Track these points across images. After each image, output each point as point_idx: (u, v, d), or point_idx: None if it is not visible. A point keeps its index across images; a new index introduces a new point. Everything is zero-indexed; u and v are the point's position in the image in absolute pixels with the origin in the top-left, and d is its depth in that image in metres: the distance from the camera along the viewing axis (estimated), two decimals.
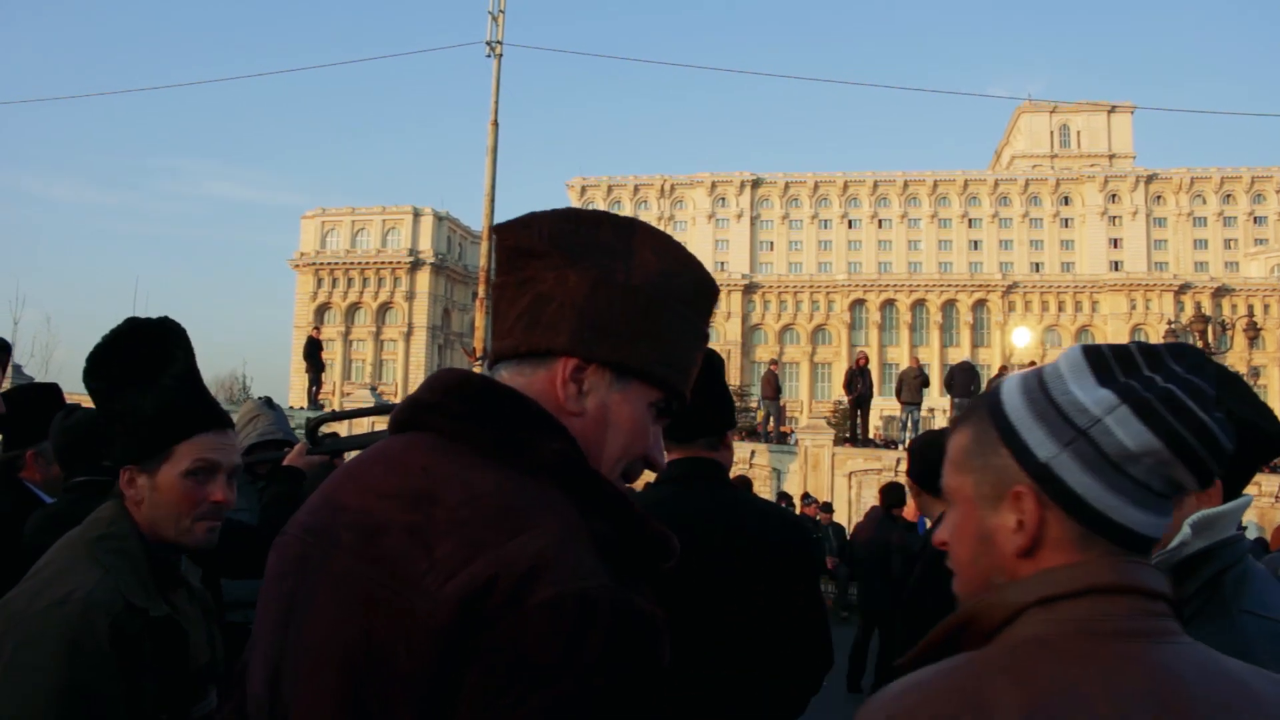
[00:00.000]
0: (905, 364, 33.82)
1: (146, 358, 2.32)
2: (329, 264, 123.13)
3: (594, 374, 1.39)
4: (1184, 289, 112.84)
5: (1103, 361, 1.20)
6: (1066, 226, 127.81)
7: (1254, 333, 36.20)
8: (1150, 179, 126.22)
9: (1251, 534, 16.62)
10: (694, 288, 1.46)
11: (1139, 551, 1.17)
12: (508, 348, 1.43)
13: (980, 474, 1.23)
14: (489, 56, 25.34)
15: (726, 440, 3.05)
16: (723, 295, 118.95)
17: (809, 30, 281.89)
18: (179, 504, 2.29)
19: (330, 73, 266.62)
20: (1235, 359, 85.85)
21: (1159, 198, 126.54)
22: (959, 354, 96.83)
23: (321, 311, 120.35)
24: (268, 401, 4.77)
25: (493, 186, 24.96)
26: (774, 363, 31.66)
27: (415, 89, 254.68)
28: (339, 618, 1.25)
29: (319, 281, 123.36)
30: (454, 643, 1.17)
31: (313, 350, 27.67)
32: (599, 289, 1.38)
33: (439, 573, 1.19)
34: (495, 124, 25.05)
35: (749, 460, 27.14)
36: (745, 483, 13.57)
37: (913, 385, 25.44)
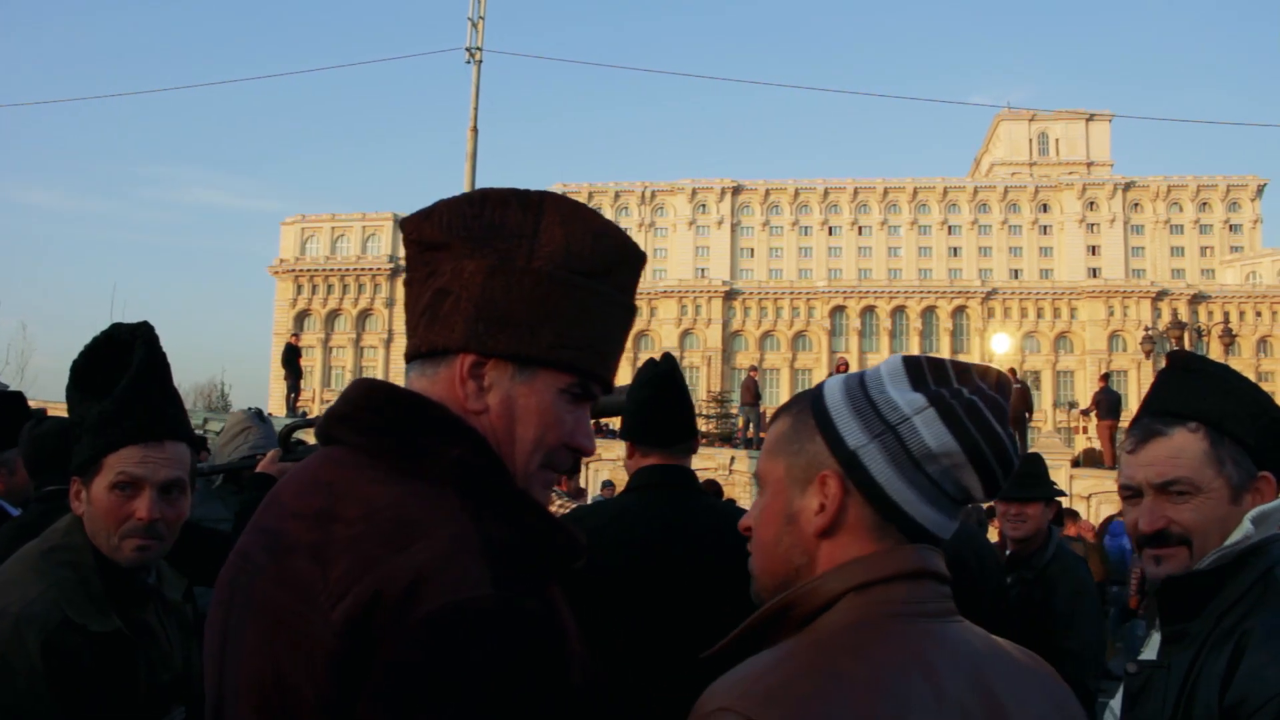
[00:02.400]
0: None
1: (108, 365, 2.26)
2: (309, 270, 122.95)
3: (494, 368, 1.35)
4: (1161, 296, 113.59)
5: (919, 370, 1.27)
6: (1045, 234, 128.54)
7: (1229, 339, 36.55)
8: (1128, 187, 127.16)
9: None
10: (608, 260, 1.41)
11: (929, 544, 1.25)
12: (412, 348, 1.40)
13: (794, 458, 1.29)
14: (469, 63, 25.31)
15: (695, 447, 3.08)
16: (703, 302, 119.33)
17: (790, 37, 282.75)
18: (105, 519, 2.21)
19: (311, 79, 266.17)
20: None
21: (1136, 205, 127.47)
22: None
23: (301, 318, 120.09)
24: (258, 414, 4.67)
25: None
26: (754, 369, 31.73)
27: (396, 95, 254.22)
28: (256, 648, 1.23)
29: (299, 288, 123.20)
30: (347, 665, 1.15)
31: (291, 357, 27.59)
32: (495, 277, 1.34)
33: (332, 594, 1.18)
34: (475, 130, 25.01)
35: (729, 466, 27.18)
36: (715, 488, 13.59)
37: None
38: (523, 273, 1.34)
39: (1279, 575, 1.87)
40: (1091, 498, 23.77)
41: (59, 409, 2.71)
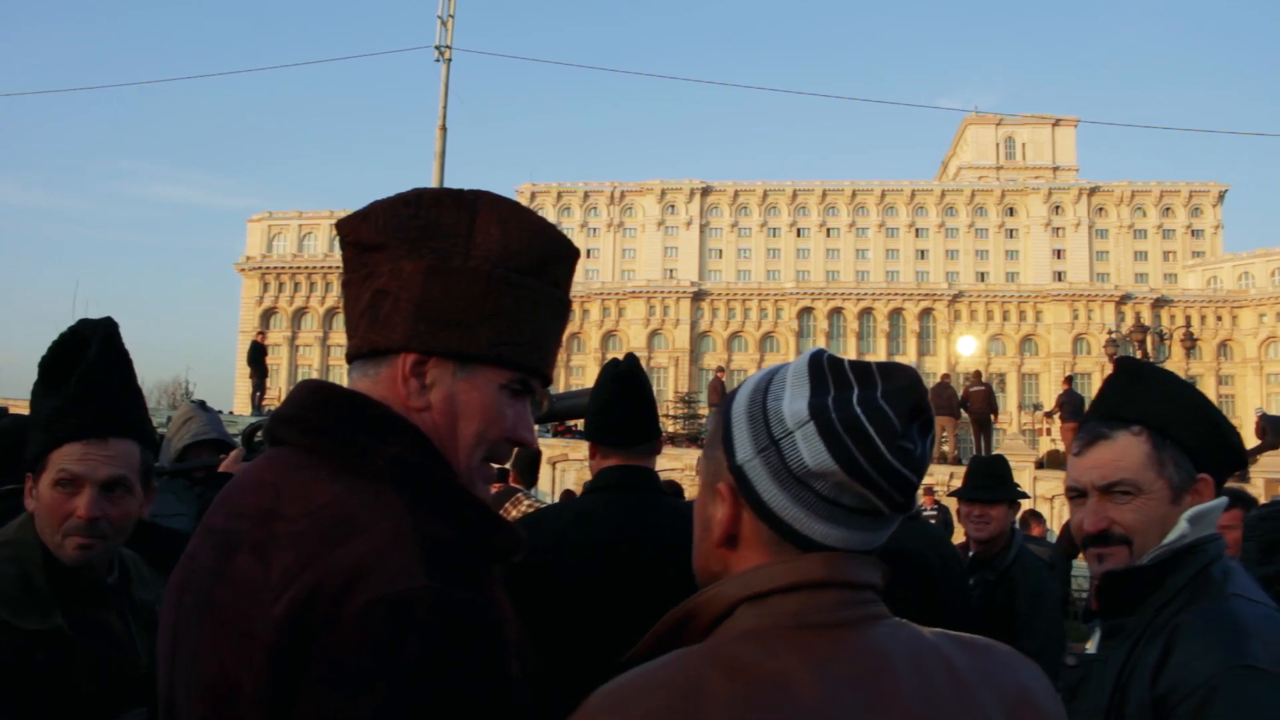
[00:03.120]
0: None
1: (70, 362, 2.23)
2: (275, 268, 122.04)
3: (435, 366, 1.38)
4: (1125, 300, 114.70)
5: (821, 374, 1.22)
6: (1011, 237, 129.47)
7: (1190, 343, 36.94)
8: (1093, 191, 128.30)
9: None
10: (543, 257, 1.43)
11: None
12: (353, 348, 1.43)
13: (707, 463, 1.28)
14: (438, 61, 25.29)
15: (658, 447, 3.09)
16: (672, 302, 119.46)
17: (760, 39, 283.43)
18: (49, 516, 2.19)
19: (280, 76, 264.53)
20: (1174, 368, 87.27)
21: (1101, 210, 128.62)
22: (905, 363, 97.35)
23: (267, 316, 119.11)
24: (201, 404, 4.78)
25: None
26: (721, 370, 31.78)
27: (366, 93, 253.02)
28: (203, 647, 1.25)
29: (265, 286, 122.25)
30: (286, 658, 1.17)
31: (256, 355, 27.43)
32: (434, 277, 1.36)
33: (274, 589, 1.20)
34: (444, 129, 24.99)
35: (696, 467, 27.20)
36: (675, 488, 13.60)
37: None
38: (460, 272, 1.36)
39: (1213, 572, 1.94)
40: (1055, 499, 23.94)
41: (21, 406, 2.69)
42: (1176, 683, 1.81)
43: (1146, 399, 2.06)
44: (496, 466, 1.50)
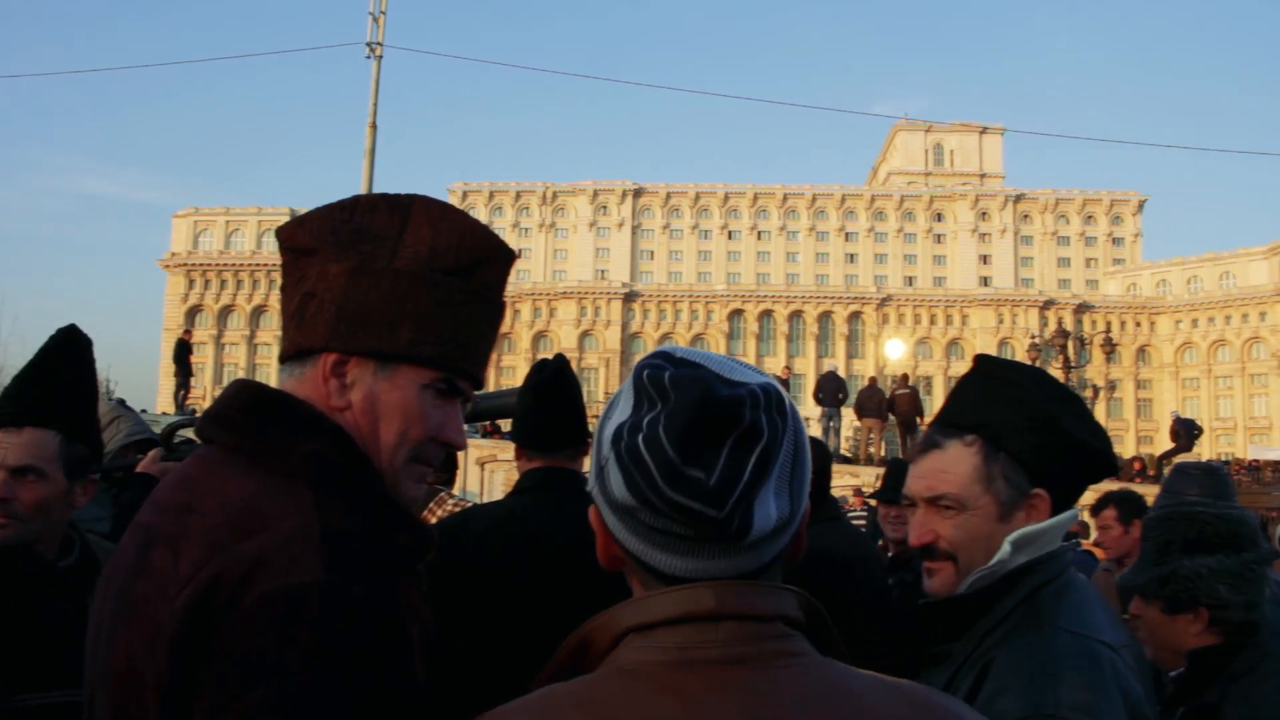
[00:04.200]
0: (780, 374, 34.35)
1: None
2: (201, 265, 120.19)
3: (356, 366, 1.39)
4: (1048, 305, 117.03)
5: (643, 389, 1.11)
6: (939, 242, 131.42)
7: (1110, 348, 37.77)
8: (1018, 199, 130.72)
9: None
10: (473, 258, 1.44)
11: None
12: (282, 350, 1.46)
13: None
14: (369, 58, 24.98)
15: (585, 450, 3.09)
16: (603, 303, 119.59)
17: (694, 43, 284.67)
18: None
19: (207, 69, 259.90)
20: (1094, 373, 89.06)
21: (1026, 217, 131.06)
22: (834, 365, 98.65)
23: (193, 314, 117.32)
24: (120, 403, 4.71)
25: (370, 190, 24.65)
26: None
27: (296, 89, 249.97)
28: (116, 638, 1.28)
29: (190, 283, 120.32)
30: (186, 649, 1.19)
31: (182, 354, 27.00)
32: (357, 278, 1.37)
33: (180, 581, 1.22)
34: (374, 126, 24.67)
35: None
36: None
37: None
38: (384, 273, 1.38)
39: (1044, 597, 1.83)
40: None
41: None
42: None
43: (987, 406, 1.94)
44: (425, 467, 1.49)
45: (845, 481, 21.47)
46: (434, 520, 7.07)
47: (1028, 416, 1.91)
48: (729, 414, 1.06)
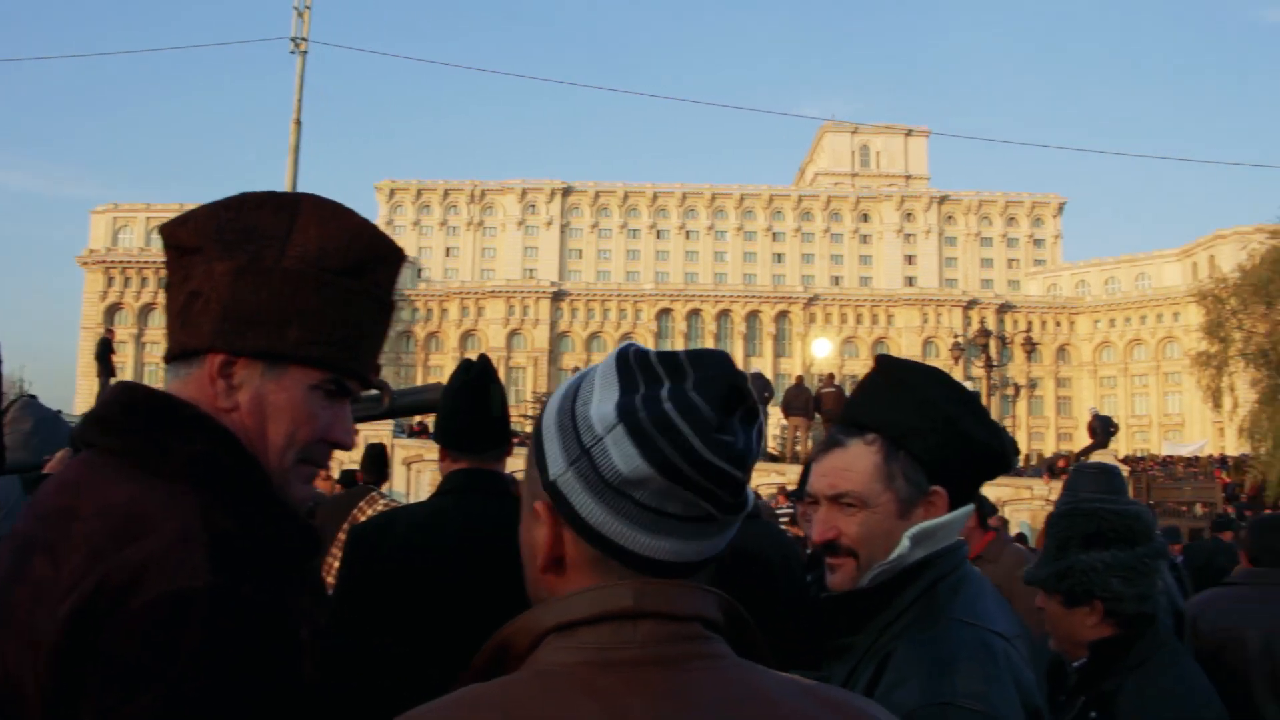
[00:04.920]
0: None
1: None
2: (121, 262, 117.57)
3: (244, 367, 1.38)
4: (971, 305, 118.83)
5: (629, 371, 1.12)
6: (865, 243, 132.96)
7: (1030, 348, 38.49)
8: (943, 200, 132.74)
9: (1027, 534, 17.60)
10: (363, 258, 1.43)
11: (673, 574, 1.10)
12: (168, 351, 1.44)
13: (526, 483, 1.19)
14: (294, 53, 24.70)
15: (509, 451, 3.11)
16: (531, 302, 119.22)
17: (622, 42, 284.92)
18: None
19: (129, 61, 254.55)
20: (1016, 371, 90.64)
21: (950, 218, 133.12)
22: (762, 364, 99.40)
23: (112, 312, 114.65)
24: (30, 400, 4.63)
25: (294, 187, 24.37)
26: (579, 370, 31.68)
27: (220, 84, 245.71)
28: None
29: (110, 280, 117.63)
30: (69, 658, 1.17)
31: (103, 352, 26.51)
32: (244, 277, 1.36)
33: (62, 589, 1.20)
34: (298, 122, 24.38)
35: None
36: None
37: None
38: (271, 272, 1.36)
39: (941, 591, 1.89)
40: None
41: None
42: None
43: (888, 406, 1.99)
44: (317, 468, 1.49)
45: (772, 480, 21.66)
46: (363, 519, 7.07)
47: (927, 416, 1.95)
48: (745, 391, 1.12)
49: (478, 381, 3.02)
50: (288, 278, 1.37)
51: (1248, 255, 42.42)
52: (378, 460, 7.85)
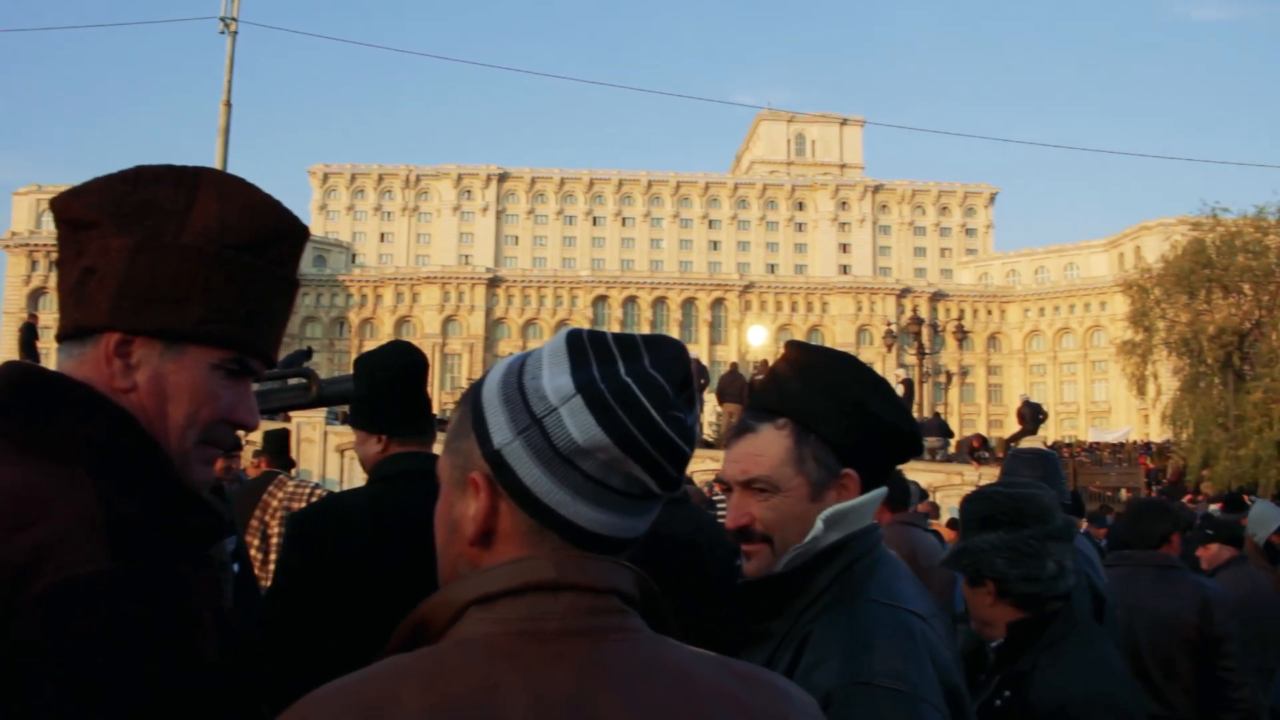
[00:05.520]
0: None
1: None
2: (45, 245, 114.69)
3: (142, 346, 1.35)
4: (905, 293, 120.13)
5: (581, 349, 1.14)
6: (800, 231, 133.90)
7: (962, 336, 39.00)
8: (877, 189, 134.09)
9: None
10: (265, 234, 1.40)
11: (602, 550, 1.12)
12: (60, 329, 1.39)
13: (454, 456, 1.18)
14: (223, 33, 24.31)
15: (435, 436, 3.10)
16: (467, 288, 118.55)
17: (559, 28, 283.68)
18: None
19: (50, 39, 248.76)
20: (948, 359, 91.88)
21: (884, 207, 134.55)
22: (698, 351, 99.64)
23: (36, 297, 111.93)
24: None
25: (225, 170, 23.90)
26: None
27: (149, 64, 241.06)
28: None
29: (34, 264, 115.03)
30: None
31: (27, 338, 25.94)
32: (141, 253, 1.32)
33: None
34: (229, 104, 24.02)
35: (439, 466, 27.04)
36: None
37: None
38: (171, 248, 1.33)
39: (857, 572, 1.89)
40: None
41: None
42: None
43: (797, 391, 1.99)
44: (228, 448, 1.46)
45: (707, 467, 21.74)
46: (274, 503, 7.02)
47: (837, 400, 1.96)
48: (692, 376, 1.14)
49: (421, 365, 3.04)
50: (187, 254, 1.33)
51: (1171, 247, 43.36)
52: (281, 445, 7.86)
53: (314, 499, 6.85)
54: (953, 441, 31.57)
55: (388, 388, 3.03)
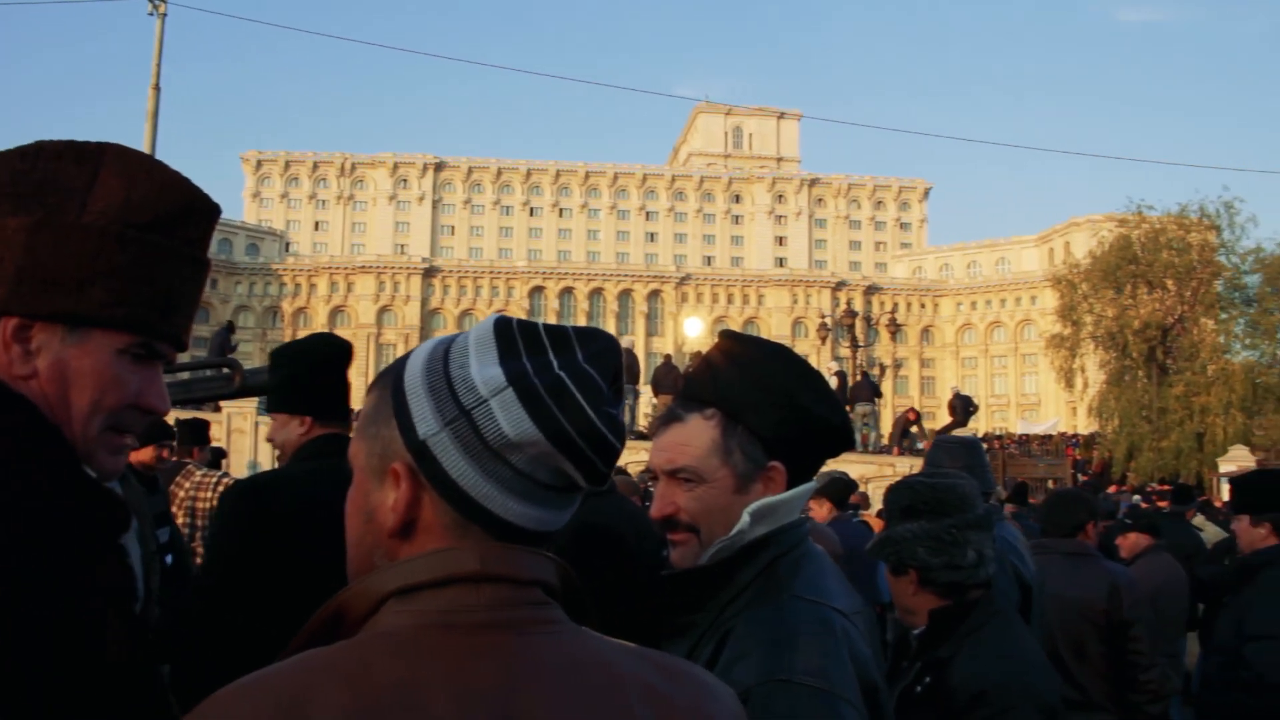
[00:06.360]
0: None
1: None
2: None
3: (42, 331, 1.29)
4: (840, 286, 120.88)
5: (510, 338, 1.11)
6: (737, 223, 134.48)
7: (895, 329, 39.33)
8: (813, 183, 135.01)
9: None
10: (173, 213, 1.35)
11: (525, 542, 1.11)
12: None
13: (371, 443, 1.14)
14: (152, 15, 23.84)
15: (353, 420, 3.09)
16: (402, 278, 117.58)
17: (498, 18, 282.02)
18: None
19: None
20: (881, 351, 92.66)
21: (820, 201, 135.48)
22: (634, 342, 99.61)
23: None
24: None
25: (153, 155, 23.45)
26: None
27: (76, 44, 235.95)
28: None
29: None
30: None
31: None
32: (41, 234, 1.27)
33: None
34: (157, 88, 23.57)
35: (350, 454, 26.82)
36: None
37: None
38: (72, 228, 1.28)
39: (782, 567, 1.88)
40: None
41: None
42: None
43: (727, 382, 1.97)
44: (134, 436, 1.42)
45: (641, 458, 21.76)
46: (181, 494, 6.93)
47: (766, 391, 1.94)
48: (622, 370, 1.14)
49: (346, 351, 3.10)
50: (89, 234, 1.28)
51: (1098, 243, 44.11)
52: (196, 433, 7.80)
53: (221, 489, 6.82)
54: (879, 402, 31.82)
55: (314, 371, 3.06)
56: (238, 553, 2.80)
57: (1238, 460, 26.33)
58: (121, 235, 1.30)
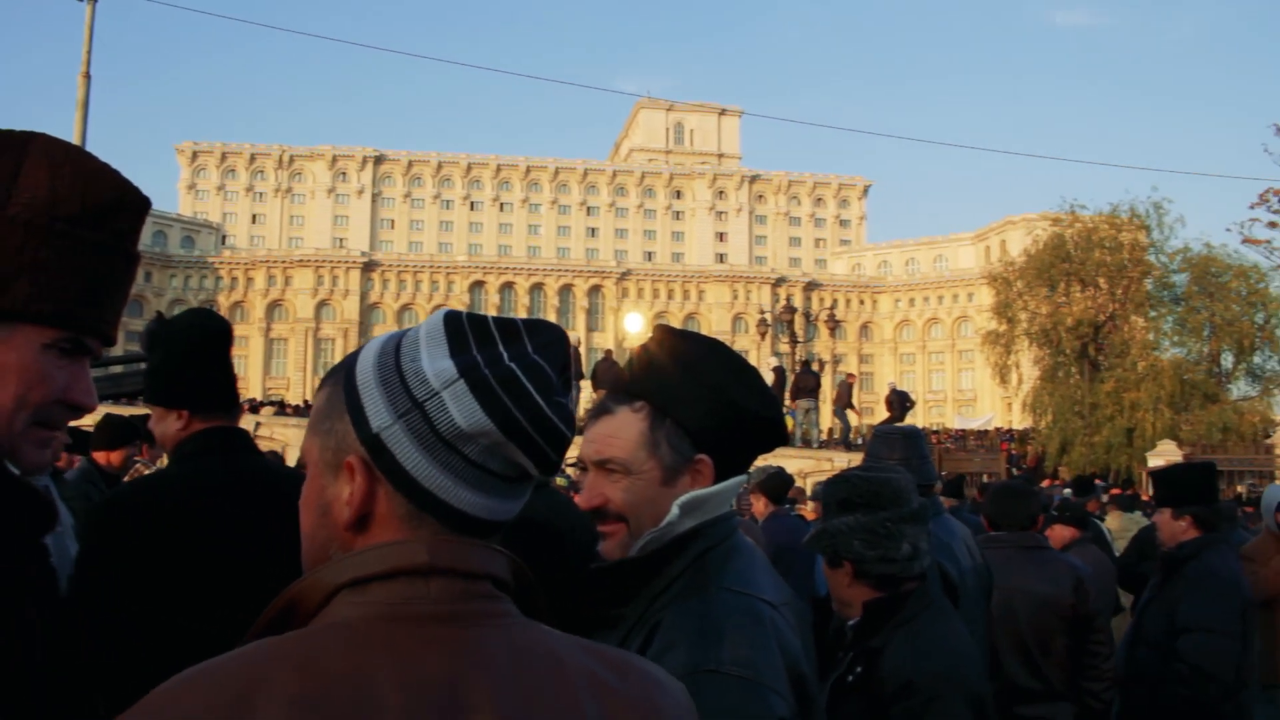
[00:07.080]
0: None
1: None
2: None
3: None
4: (780, 282, 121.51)
5: (460, 331, 1.12)
6: (678, 219, 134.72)
7: (834, 325, 39.68)
8: (754, 179, 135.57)
9: None
10: (101, 206, 1.32)
11: (478, 532, 1.12)
12: None
13: (325, 438, 1.15)
14: (81, 1, 23.36)
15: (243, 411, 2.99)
16: (341, 272, 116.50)
17: (440, 10, 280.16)
18: None
19: None
20: (821, 348, 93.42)
21: (761, 197, 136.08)
22: (575, 338, 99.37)
23: None
24: None
25: (83, 145, 23.04)
26: None
27: (2, 31, 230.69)
28: None
29: None
30: None
31: None
32: None
33: None
34: (87, 76, 23.02)
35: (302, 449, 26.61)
36: (276, 458, 13.25)
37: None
38: None
39: (711, 560, 1.89)
40: None
41: None
42: None
43: (658, 375, 1.99)
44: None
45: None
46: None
47: (695, 385, 1.96)
48: (571, 360, 1.15)
49: (223, 333, 2.85)
50: (13, 227, 1.25)
51: (1033, 241, 44.74)
52: (134, 433, 7.57)
53: None
54: (823, 376, 32.04)
55: (186, 358, 2.80)
56: (86, 578, 2.57)
57: (1166, 455, 26.79)
58: (48, 228, 1.27)
